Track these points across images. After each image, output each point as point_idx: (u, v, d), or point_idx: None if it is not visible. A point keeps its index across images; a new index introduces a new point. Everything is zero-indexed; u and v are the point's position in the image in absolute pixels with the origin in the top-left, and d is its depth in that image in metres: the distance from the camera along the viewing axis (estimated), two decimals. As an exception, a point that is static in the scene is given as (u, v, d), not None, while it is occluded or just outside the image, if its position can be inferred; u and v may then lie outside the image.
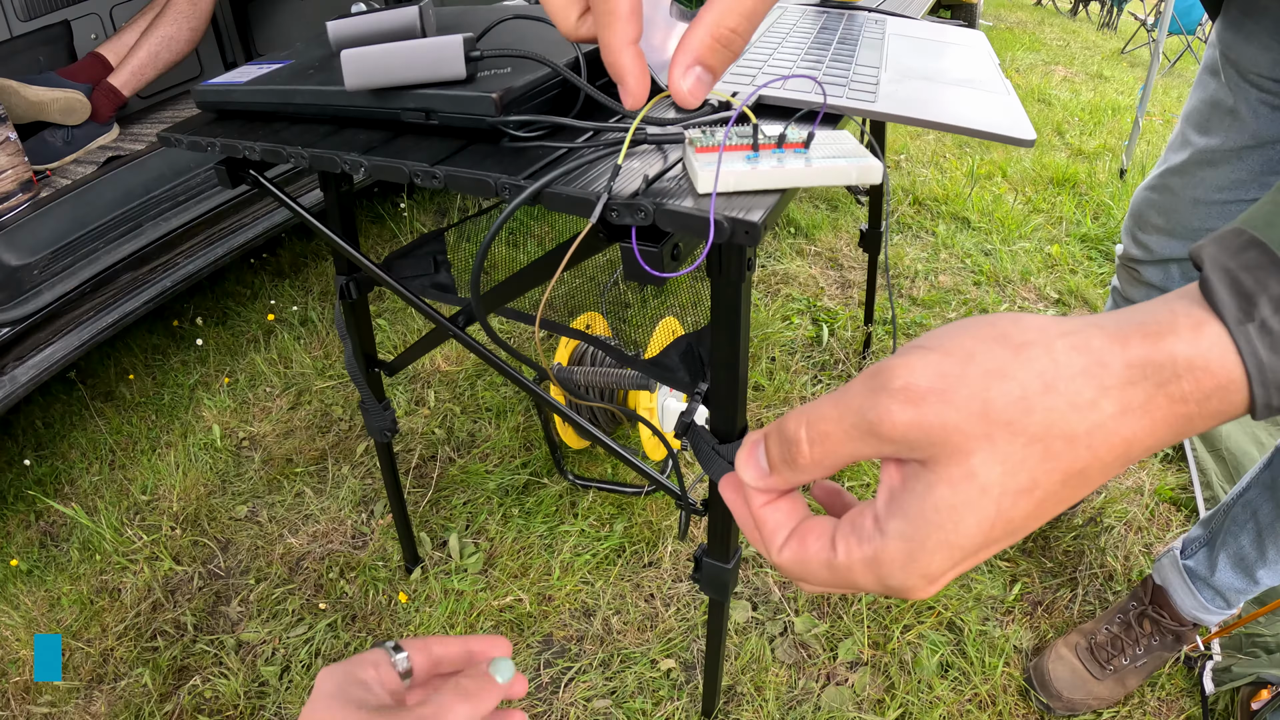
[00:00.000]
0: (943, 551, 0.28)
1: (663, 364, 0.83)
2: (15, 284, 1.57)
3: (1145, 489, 1.57)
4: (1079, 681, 1.19)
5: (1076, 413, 0.27)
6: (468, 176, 0.51)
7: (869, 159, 0.45)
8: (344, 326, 0.98)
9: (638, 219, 0.44)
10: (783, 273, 2.22)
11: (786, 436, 0.31)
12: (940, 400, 0.27)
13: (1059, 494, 0.28)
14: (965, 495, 0.27)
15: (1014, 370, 0.27)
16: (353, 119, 0.65)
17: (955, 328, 0.29)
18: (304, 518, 1.53)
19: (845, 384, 0.30)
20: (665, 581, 1.39)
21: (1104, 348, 0.27)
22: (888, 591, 0.30)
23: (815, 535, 0.32)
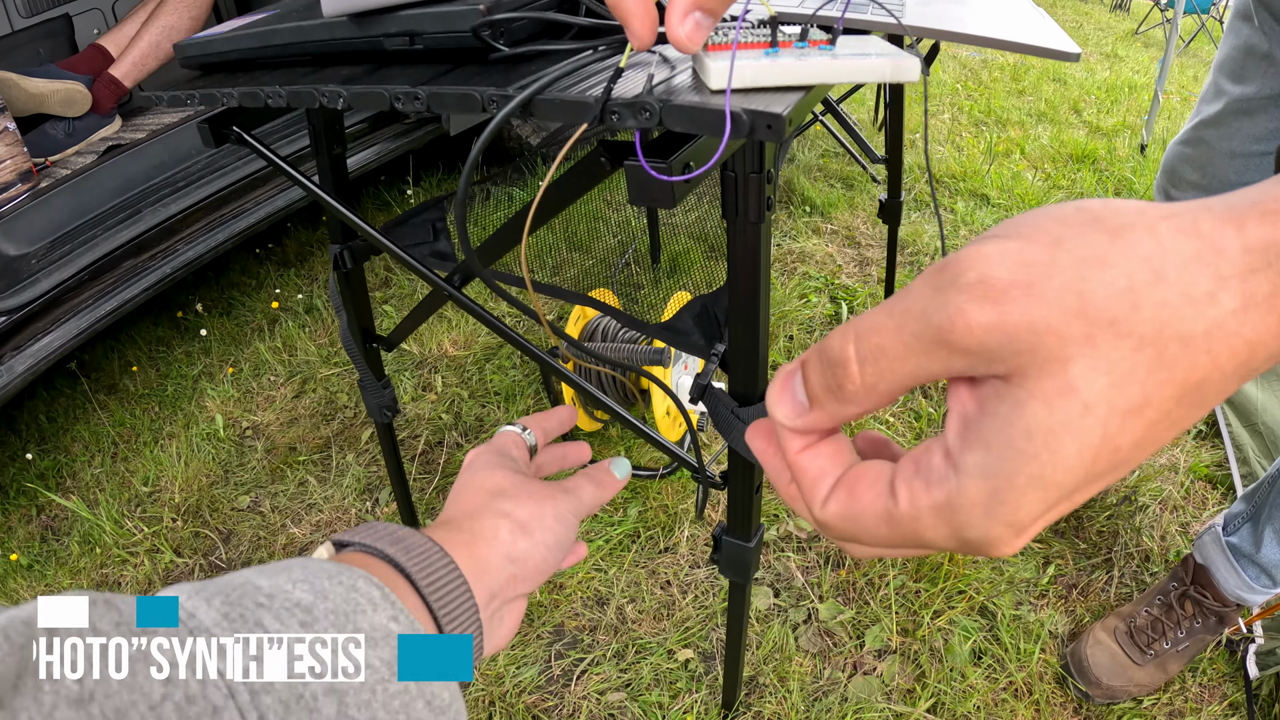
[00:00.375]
0: (1036, 490, 0.22)
1: (676, 328, 0.78)
2: (12, 273, 1.54)
3: (1180, 466, 1.50)
4: (1119, 668, 1.13)
5: (1193, 308, 0.21)
6: (451, 93, 0.46)
7: (905, 55, 0.39)
8: (338, 298, 0.94)
9: (642, 119, 0.39)
10: (799, 251, 2.16)
11: (831, 357, 0.25)
12: (1027, 294, 0.21)
13: (1172, 415, 0.22)
14: (1064, 414, 0.21)
15: (1114, 257, 0.21)
16: (335, 55, 0.60)
17: (1035, 213, 0.23)
18: (307, 507, 1.49)
19: (903, 288, 0.24)
20: (682, 567, 1.33)
21: (1216, 230, 0.21)
22: (963, 546, 0.24)
23: (869, 482, 0.26)
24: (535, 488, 0.45)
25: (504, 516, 0.42)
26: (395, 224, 0.91)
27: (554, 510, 0.44)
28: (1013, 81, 3.75)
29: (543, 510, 0.43)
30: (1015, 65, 4.04)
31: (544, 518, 0.43)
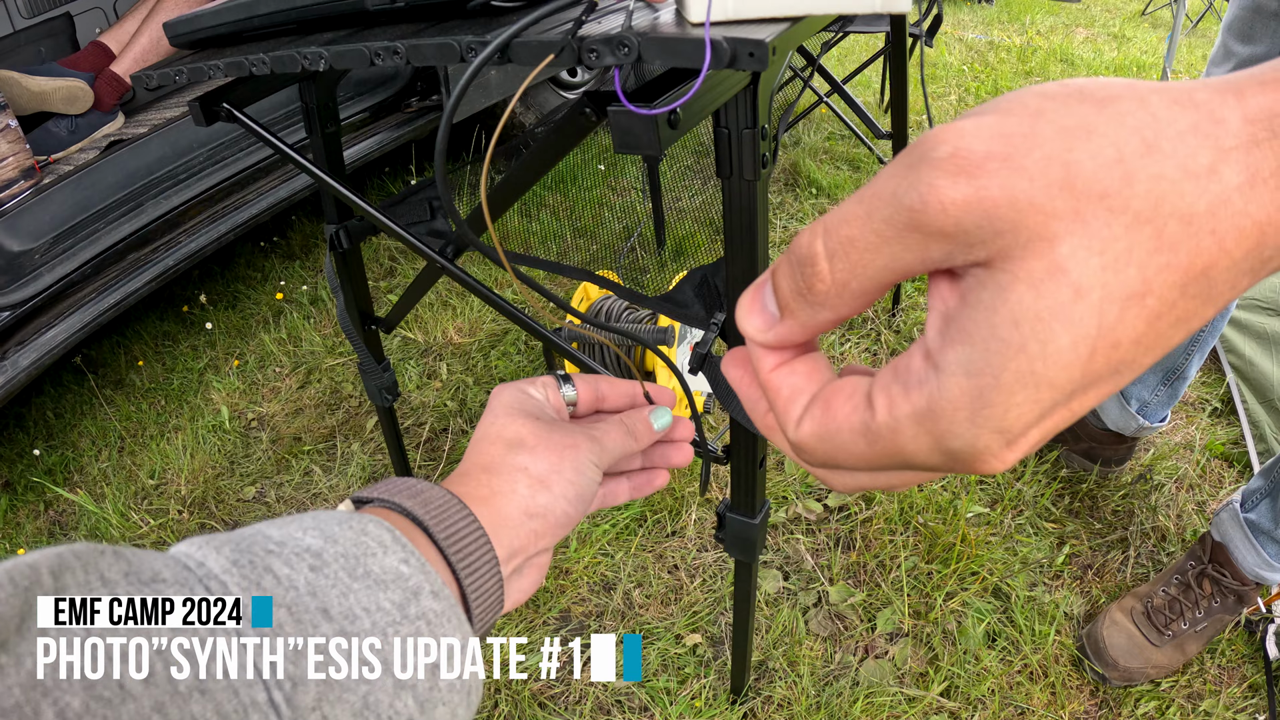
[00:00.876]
0: (1026, 388, 0.19)
1: (676, 299, 0.76)
2: (16, 269, 1.54)
3: (1195, 444, 1.47)
4: (1136, 649, 1.11)
5: (1193, 182, 0.18)
6: (430, 44, 0.44)
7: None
8: (335, 279, 0.92)
9: (620, 55, 0.37)
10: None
11: (799, 256, 0.22)
12: (1005, 166, 0.19)
13: (1177, 306, 0.19)
14: (1054, 299, 0.18)
15: (1102, 127, 0.19)
16: (320, 20, 0.59)
17: (1017, 91, 0.21)
18: (312, 496, 1.48)
19: (874, 176, 0.21)
20: (689, 551, 1.32)
21: (1214, 100, 0.19)
22: (949, 460, 0.21)
23: (845, 396, 0.23)
24: (556, 437, 0.42)
25: (521, 470, 0.40)
26: (393, 202, 0.90)
27: (574, 461, 0.42)
28: (1019, 63, 3.71)
29: (562, 462, 0.41)
30: (1022, 47, 3.99)
31: (563, 470, 0.41)
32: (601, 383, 0.49)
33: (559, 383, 0.48)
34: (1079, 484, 1.39)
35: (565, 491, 0.41)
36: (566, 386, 0.48)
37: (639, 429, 0.47)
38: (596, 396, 0.49)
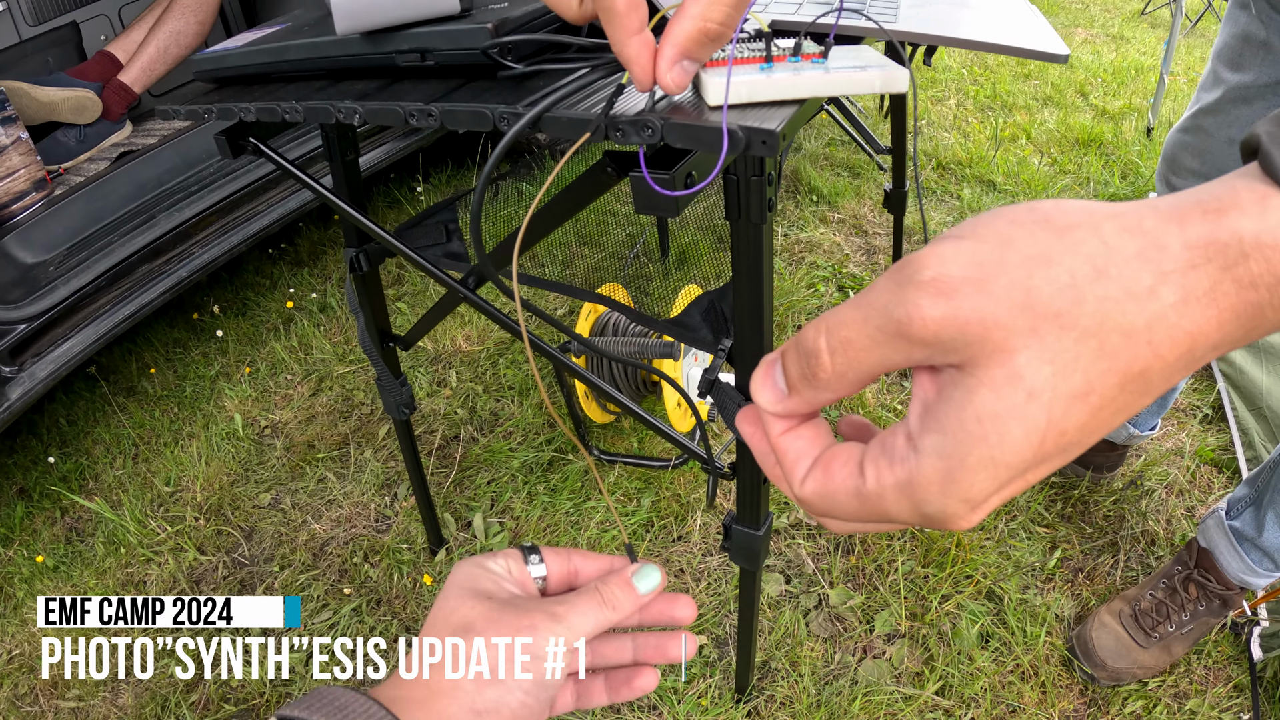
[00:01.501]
0: (987, 470, 0.24)
1: (684, 324, 0.80)
2: (31, 281, 1.58)
3: (1186, 450, 1.51)
4: (1124, 650, 1.15)
5: (1134, 302, 0.23)
6: (464, 110, 0.48)
7: (894, 67, 0.41)
8: (355, 300, 0.96)
9: (645, 136, 0.41)
10: (806, 240, 2.17)
11: (805, 349, 0.27)
12: (976, 290, 0.23)
13: (1117, 400, 0.24)
14: (1010, 401, 0.23)
15: (1059, 255, 0.23)
16: (348, 70, 0.62)
17: (989, 214, 0.25)
18: (327, 503, 1.52)
19: (868, 285, 0.26)
20: (695, 556, 1.36)
21: (1159, 228, 0.23)
22: (925, 521, 0.26)
23: (841, 462, 0.28)
24: (509, 618, 0.37)
25: None
26: (409, 226, 0.94)
27: (531, 646, 0.37)
28: (1019, 65, 3.73)
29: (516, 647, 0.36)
30: (1020, 49, 4.02)
31: (516, 657, 0.36)
32: (575, 555, 0.44)
33: (524, 555, 0.42)
34: (1071, 490, 1.43)
35: (520, 682, 0.36)
36: (534, 560, 0.42)
37: (616, 596, 0.40)
38: (569, 571, 0.43)
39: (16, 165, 1.72)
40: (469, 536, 1.42)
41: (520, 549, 0.43)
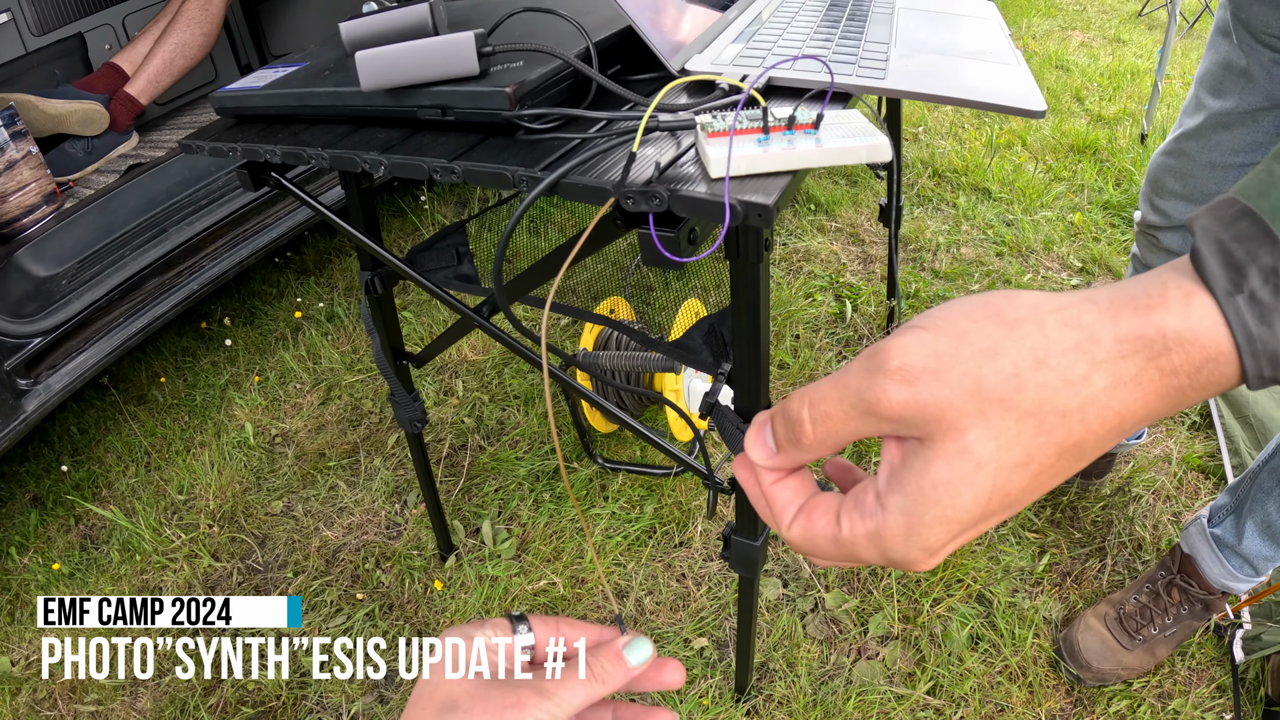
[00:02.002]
0: (941, 526, 0.29)
1: (686, 346, 0.84)
2: (45, 295, 1.61)
3: (1173, 457, 1.56)
4: (1108, 652, 1.19)
5: (1069, 388, 0.27)
6: (486, 170, 0.52)
7: (878, 137, 0.45)
8: (370, 321, 1.00)
9: (653, 206, 0.45)
10: (804, 250, 2.21)
11: (790, 417, 0.32)
12: (934, 379, 0.28)
13: (1054, 467, 0.28)
14: (961, 471, 0.28)
15: (1006, 347, 0.28)
16: (370, 118, 0.66)
17: (950, 306, 0.30)
18: (338, 510, 1.56)
19: (845, 365, 0.30)
20: (696, 561, 1.40)
21: (1095, 322, 0.27)
22: (890, 564, 0.31)
23: (821, 511, 0.33)
24: (496, 694, 0.37)
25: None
26: (421, 249, 0.98)
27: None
28: (1013, 70, 3.77)
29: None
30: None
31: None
32: (563, 624, 0.43)
33: (513, 624, 0.41)
34: (1060, 496, 1.48)
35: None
36: (522, 629, 0.41)
37: (606, 670, 0.40)
38: (557, 638, 0.43)
39: (27, 179, 1.75)
40: (478, 543, 1.46)
41: (509, 618, 0.42)
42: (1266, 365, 0.26)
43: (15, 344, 1.51)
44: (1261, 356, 0.26)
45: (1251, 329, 0.25)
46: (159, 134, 2.22)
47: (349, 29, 0.73)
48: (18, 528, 1.65)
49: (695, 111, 0.53)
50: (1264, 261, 0.26)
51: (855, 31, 0.76)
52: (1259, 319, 0.25)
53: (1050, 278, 2.12)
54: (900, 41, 0.72)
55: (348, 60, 0.74)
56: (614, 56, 0.69)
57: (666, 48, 0.63)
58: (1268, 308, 0.25)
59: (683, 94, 0.62)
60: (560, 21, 0.67)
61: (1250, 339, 0.25)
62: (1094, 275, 2.12)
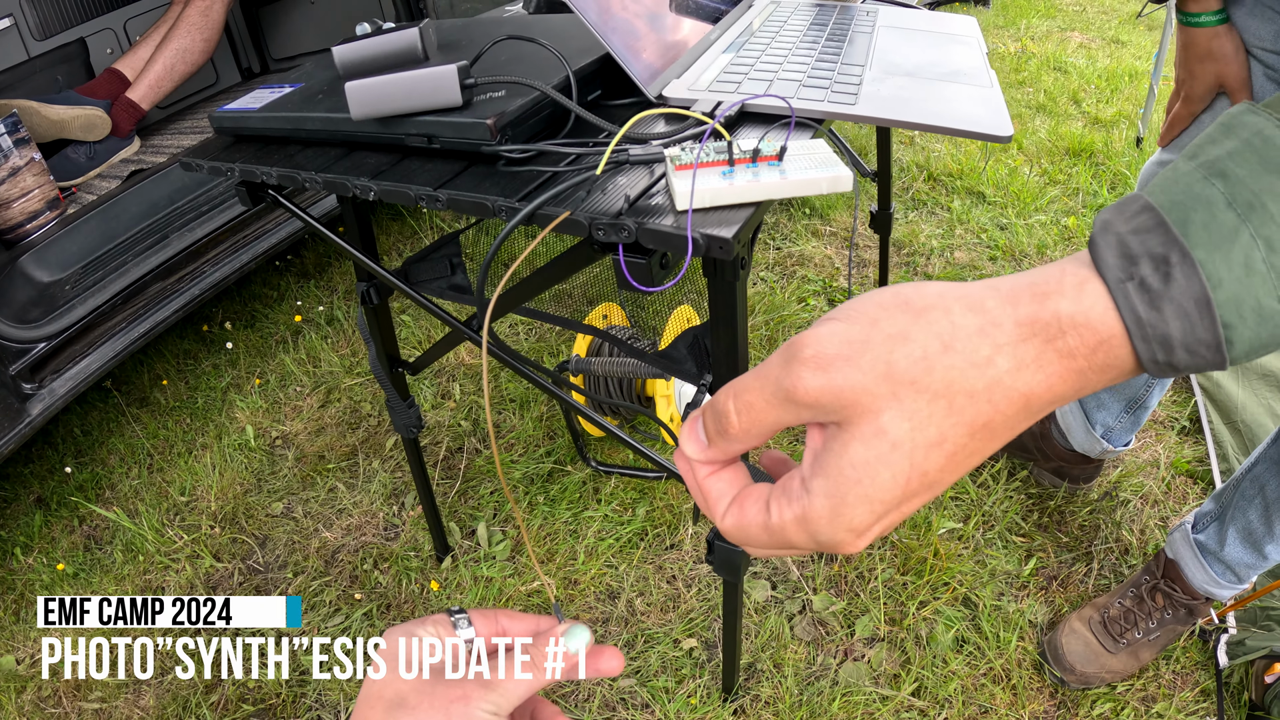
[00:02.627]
0: (863, 505, 0.30)
1: (671, 356, 0.86)
2: (49, 300, 1.64)
3: (1161, 462, 1.57)
4: (1092, 655, 1.21)
5: (975, 369, 0.29)
6: (468, 199, 0.54)
7: (840, 169, 0.47)
8: (367, 330, 1.03)
9: (621, 237, 0.48)
10: (798, 254, 2.23)
11: (717, 410, 0.34)
12: (847, 364, 0.29)
13: (968, 446, 0.30)
14: (878, 451, 0.29)
15: (915, 333, 0.29)
16: (361, 143, 0.69)
17: (862, 298, 0.32)
18: (337, 512, 1.59)
19: (767, 358, 0.32)
20: (686, 563, 1.42)
21: (997, 308, 0.29)
22: (820, 547, 0.32)
23: (752, 500, 0.34)
24: (441, 689, 0.38)
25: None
26: (415, 260, 1.00)
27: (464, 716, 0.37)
28: (1013, 73, 3.78)
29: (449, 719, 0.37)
30: (1016, 54, 4.06)
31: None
32: (503, 616, 0.45)
33: (453, 621, 0.43)
34: (1048, 500, 1.50)
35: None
36: (462, 624, 0.43)
37: (547, 658, 0.41)
38: (497, 631, 0.45)
39: (31, 186, 1.78)
40: (473, 544, 1.49)
41: (448, 613, 0.43)
42: (1159, 349, 0.27)
43: (20, 349, 1.54)
44: (1153, 340, 0.27)
45: (1140, 313, 0.27)
46: (160, 139, 2.25)
47: (341, 53, 0.75)
48: (22, 528, 1.68)
49: (664, 145, 0.55)
50: (1155, 250, 0.27)
51: (833, 52, 0.78)
52: (1148, 304, 0.27)
53: (1043, 282, 2.13)
54: (876, 63, 0.74)
55: (339, 83, 0.77)
56: (598, 80, 0.71)
57: (646, 73, 0.65)
58: (1156, 294, 0.27)
59: (659, 121, 0.64)
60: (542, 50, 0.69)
61: (1140, 323, 0.27)
62: (1086, 279, 2.13)
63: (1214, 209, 0.27)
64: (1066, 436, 1.46)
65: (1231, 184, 0.28)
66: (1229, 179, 0.28)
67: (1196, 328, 0.27)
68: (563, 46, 0.67)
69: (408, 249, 2.49)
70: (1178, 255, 0.27)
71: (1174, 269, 0.27)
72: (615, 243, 0.49)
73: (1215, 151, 0.29)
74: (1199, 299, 0.27)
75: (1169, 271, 0.27)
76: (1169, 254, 0.27)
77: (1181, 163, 0.30)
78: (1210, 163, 0.29)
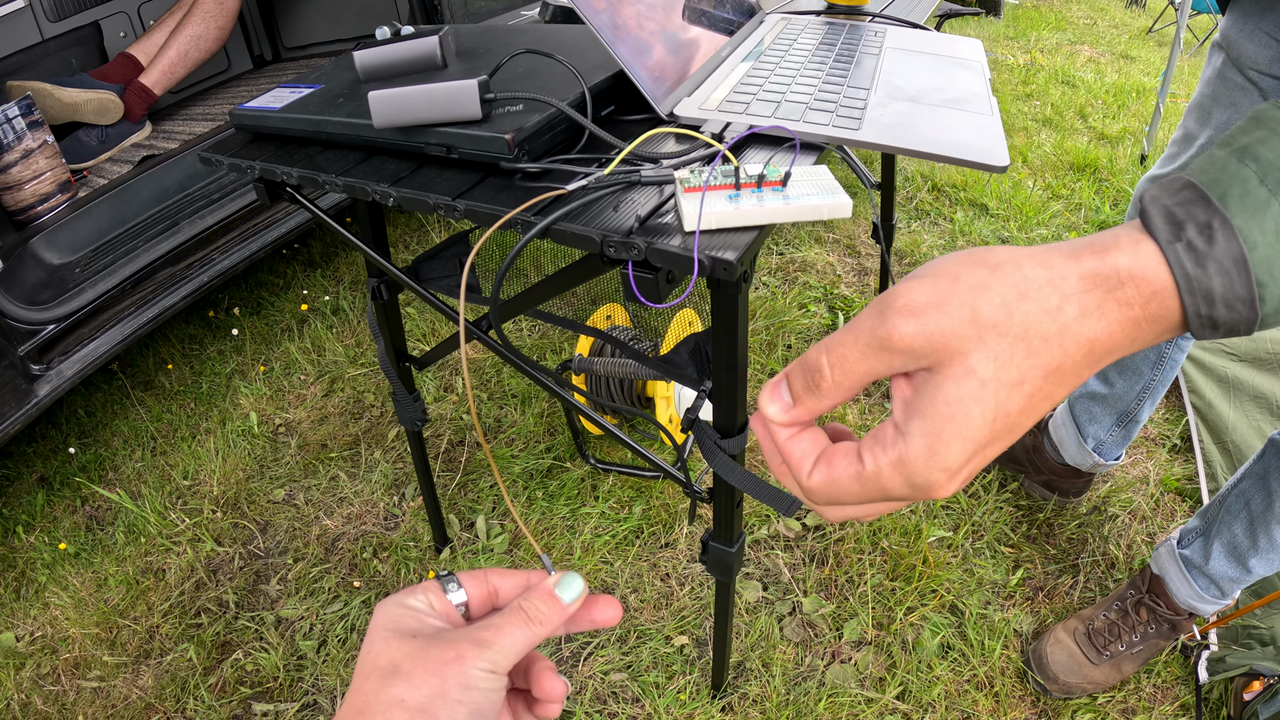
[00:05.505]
0: (957, 443, 0.32)
1: (673, 361, 0.88)
2: (59, 282, 1.66)
3: (1151, 478, 1.60)
4: (1075, 665, 1.24)
5: (1047, 315, 0.32)
6: (486, 211, 0.57)
7: (840, 196, 0.50)
8: (376, 325, 1.05)
9: (631, 255, 0.50)
10: (801, 260, 2.26)
11: (809, 366, 0.35)
12: (937, 311, 0.32)
13: (1043, 390, 0.33)
14: (968, 388, 0.32)
15: (993, 283, 0.32)
16: (380, 148, 0.71)
17: (941, 259, 0.35)
18: (338, 500, 1.62)
19: (854, 316, 0.35)
20: (680, 562, 1.45)
21: (1062, 263, 0.32)
22: (914, 491, 0.34)
23: (842, 454, 0.36)
24: (434, 652, 0.37)
25: (397, 705, 0.36)
26: (425, 257, 1.02)
27: (459, 677, 0.37)
28: (1021, 85, 3.80)
29: (445, 682, 0.36)
30: (1025, 67, 4.08)
31: (448, 691, 0.36)
32: (492, 575, 0.44)
33: (443, 585, 0.42)
34: (1037, 512, 1.52)
35: (455, 715, 0.36)
36: (452, 586, 0.42)
37: (541, 610, 0.41)
38: (489, 591, 0.44)
39: (43, 168, 1.80)
40: (472, 537, 1.51)
41: (437, 578, 0.43)
42: (1203, 303, 0.31)
43: (29, 330, 1.56)
44: (1198, 294, 0.31)
45: (1188, 269, 0.31)
46: (171, 123, 2.27)
47: (363, 58, 0.77)
48: (25, 507, 1.70)
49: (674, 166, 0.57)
50: (1199, 218, 0.31)
51: (840, 74, 0.81)
52: (1195, 262, 0.31)
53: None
54: (880, 87, 0.76)
55: (360, 87, 0.79)
56: (612, 95, 0.73)
57: (658, 90, 0.67)
58: (1201, 253, 0.31)
59: (669, 139, 0.66)
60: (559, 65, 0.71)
61: (1188, 278, 0.31)
62: (1085, 294, 2.15)
63: (1248, 184, 0.31)
64: (1059, 449, 1.48)
65: (1263, 165, 0.31)
66: (1260, 161, 0.32)
67: (1235, 284, 0.31)
68: (578, 61, 0.69)
69: (414, 241, 2.51)
70: (1219, 221, 0.31)
71: (1216, 233, 0.31)
72: (625, 259, 0.51)
73: (1246, 139, 0.33)
74: (1237, 259, 0.30)
75: (1212, 235, 0.31)
76: (1211, 220, 0.31)
77: (1217, 149, 0.34)
78: (1244, 148, 0.32)
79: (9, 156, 1.71)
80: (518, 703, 0.44)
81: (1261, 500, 1.10)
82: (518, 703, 0.44)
